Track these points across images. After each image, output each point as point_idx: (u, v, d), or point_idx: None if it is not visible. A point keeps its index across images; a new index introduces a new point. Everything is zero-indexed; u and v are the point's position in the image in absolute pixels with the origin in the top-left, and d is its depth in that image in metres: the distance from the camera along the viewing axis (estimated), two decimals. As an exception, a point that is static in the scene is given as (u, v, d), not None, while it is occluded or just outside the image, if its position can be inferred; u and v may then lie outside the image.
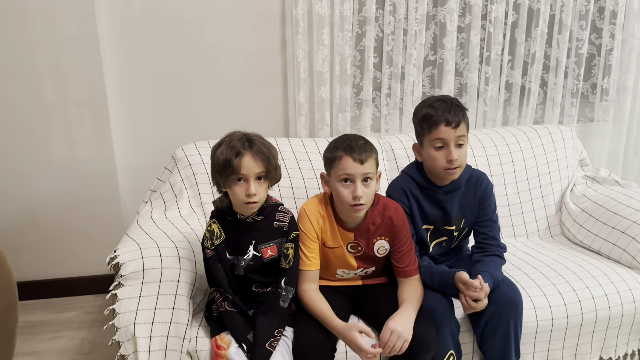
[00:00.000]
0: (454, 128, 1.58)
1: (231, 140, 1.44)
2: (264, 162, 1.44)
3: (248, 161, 1.42)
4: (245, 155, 1.42)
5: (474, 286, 1.48)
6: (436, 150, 1.61)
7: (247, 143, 1.44)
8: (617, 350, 1.79)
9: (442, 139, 1.59)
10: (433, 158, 1.62)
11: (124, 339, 1.45)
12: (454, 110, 1.60)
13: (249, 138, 1.46)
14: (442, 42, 2.50)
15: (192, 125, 2.52)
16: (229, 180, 1.44)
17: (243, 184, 1.44)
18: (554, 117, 2.67)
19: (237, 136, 1.46)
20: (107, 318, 1.49)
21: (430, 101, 1.64)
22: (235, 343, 1.44)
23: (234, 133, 1.48)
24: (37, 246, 2.50)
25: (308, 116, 2.48)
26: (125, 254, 1.56)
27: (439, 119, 1.59)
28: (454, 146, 1.59)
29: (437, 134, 1.60)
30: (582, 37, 2.58)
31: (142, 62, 2.41)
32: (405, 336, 1.40)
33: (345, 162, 1.49)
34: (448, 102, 1.62)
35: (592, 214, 2.08)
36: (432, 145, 1.62)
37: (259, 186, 1.45)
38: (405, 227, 1.61)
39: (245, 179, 1.43)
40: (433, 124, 1.60)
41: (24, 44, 2.26)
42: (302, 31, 2.35)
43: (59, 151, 2.40)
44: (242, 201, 1.45)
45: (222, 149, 1.44)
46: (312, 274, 1.56)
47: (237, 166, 1.41)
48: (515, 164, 2.21)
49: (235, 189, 1.44)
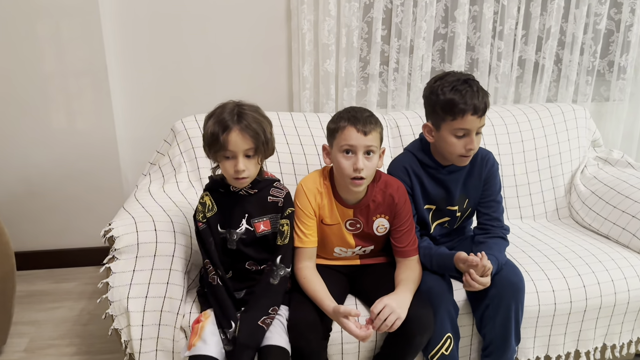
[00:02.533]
0: (480, 117, 1.50)
1: (222, 113, 1.39)
2: (252, 139, 1.38)
3: (235, 137, 1.36)
4: (232, 131, 1.36)
5: (474, 262, 1.42)
6: (457, 138, 1.52)
7: (236, 117, 1.37)
8: (621, 337, 1.75)
9: (466, 129, 1.50)
10: (451, 144, 1.53)
11: (117, 312, 1.44)
12: (480, 96, 1.49)
13: (240, 111, 1.39)
14: (453, 14, 2.41)
15: (195, 97, 2.47)
16: (217, 155, 1.40)
17: (232, 160, 1.39)
18: (567, 95, 2.58)
19: (229, 108, 1.40)
20: (103, 290, 1.47)
21: (452, 82, 1.50)
22: (214, 318, 1.42)
23: (227, 104, 1.42)
24: (36, 216, 2.50)
25: (312, 90, 2.42)
26: (120, 227, 1.54)
27: (466, 108, 1.47)
28: (475, 134, 1.52)
29: (462, 123, 1.49)
30: (601, 12, 2.47)
31: (144, 32, 2.35)
32: (399, 313, 1.35)
33: (348, 132, 1.43)
34: (473, 85, 1.50)
35: (602, 196, 2.01)
36: (452, 133, 1.52)
37: (248, 162, 1.40)
38: (407, 205, 1.56)
39: (233, 156, 1.39)
40: (459, 113, 1.48)
41: (23, 13, 2.21)
42: (307, 1, 2.27)
43: (58, 122, 2.37)
44: (232, 176, 1.42)
45: (211, 122, 1.39)
46: (308, 251, 1.52)
47: (224, 142, 1.36)
48: (524, 144, 2.14)
49: (224, 164, 1.41)
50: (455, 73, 1.56)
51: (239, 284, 1.51)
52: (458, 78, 1.52)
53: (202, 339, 1.37)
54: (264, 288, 1.46)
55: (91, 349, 1.96)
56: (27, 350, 1.96)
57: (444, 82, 1.52)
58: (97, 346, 1.97)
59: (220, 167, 1.45)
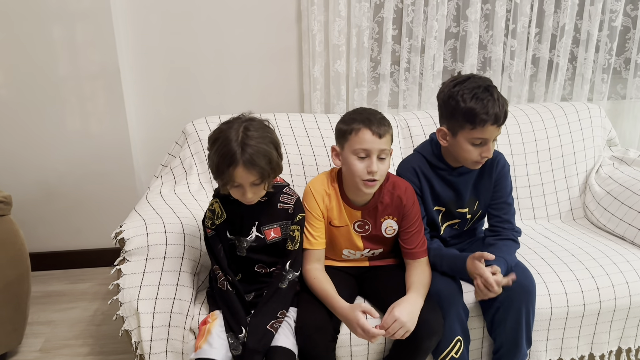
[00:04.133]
0: (499, 126, 1.48)
1: (227, 142, 1.32)
2: (258, 173, 1.34)
3: (241, 172, 1.33)
4: (238, 166, 1.32)
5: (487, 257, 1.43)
6: (473, 146, 1.50)
7: (241, 149, 1.31)
8: (636, 340, 1.71)
9: (484, 138, 1.48)
10: (467, 151, 1.52)
11: (127, 314, 1.46)
12: (501, 102, 1.46)
13: (245, 141, 1.32)
14: (465, 13, 2.38)
15: (207, 98, 2.49)
16: (224, 184, 1.38)
17: (239, 188, 1.38)
18: (582, 93, 2.53)
19: (233, 136, 1.33)
20: (115, 292, 1.49)
21: (473, 89, 1.46)
22: (221, 320, 1.43)
23: (232, 125, 1.36)
24: (54, 218, 2.54)
25: (323, 91, 2.42)
26: (131, 229, 1.56)
27: (488, 119, 1.44)
28: (491, 143, 1.50)
29: (481, 133, 1.47)
30: (617, 9, 2.42)
31: (156, 35, 2.38)
32: (409, 326, 1.35)
33: (363, 134, 1.41)
34: (494, 92, 1.46)
35: (617, 196, 1.97)
36: (470, 141, 1.50)
37: (256, 189, 1.38)
38: (415, 207, 1.55)
39: (240, 186, 1.37)
40: (480, 123, 1.45)
41: (38, 17, 2.25)
42: (317, 2, 2.27)
43: (73, 124, 2.41)
44: (240, 199, 1.41)
45: (216, 151, 1.34)
46: (317, 253, 1.52)
47: (230, 176, 1.34)
48: (538, 143, 2.11)
49: (232, 191, 1.40)
50: (476, 78, 1.51)
51: (248, 286, 1.51)
52: (479, 85, 1.48)
53: (208, 342, 1.38)
54: (273, 292, 1.45)
55: (104, 349, 1.99)
56: (42, 350, 1.99)
57: (464, 88, 1.48)
58: (109, 347, 2.00)
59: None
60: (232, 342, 1.39)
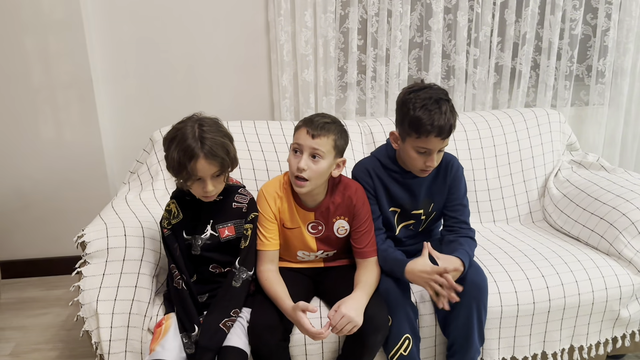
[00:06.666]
0: (444, 139, 1.52)
1: (184, 138, 1.39)
2: (218, 164, 1.42)
3: (202, 165, 1.40)
4: (199, 160, 1.39)
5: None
6: (418, 154, 1.55)
7: (200, 143, 1.38)
8: (588, 338, 1.75)
9: (428, 148, 1.53)
10: (412, 158, 1.57)
11: (87, 315, 1.49)
12: (447, 116, 1.49)
13: (202, 135, 1.40)
14: (428, 23, 2.45)
15: (179, 108, 2.50)
16: (185, 180, 1.44)
17: (200, 182, 1.44)
18: (546, 100, 2.60)
19: (190, 132, 1.40)
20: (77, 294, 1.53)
21: (424, 100, 1.49)
22: (175, 321, 1.47)
23: (186, 124, 1.43)
24: (29, 225, 2.58)
25: (292, 99, 2.48)
26: (92, 232, 1.60)
27: (432, 130, 1.48)
28: (436, 153, 1.55)
29: (425, 143, 1.51)
30: (576, 18, 2.50)
31: (127, 45, 2.43)
32: (357, 321, 1.40)
33: (299, 132, 1.50)
34: (443, 105, 1.49)
35: (573, 199, 2.03)
36: (414, 149, 1.55)
37: (215, 181, 1.45)
38: (365, 207, 1.60)
39: (201, 179, 1.43)
40: (424, 133, 1.49)
41: (10, 28, 2.30)
42: (284, 13, 2.33)
43: (46, 133, 2.46)
44: (200, 195, 1.47)
45: (175, 149, 1.40)
46: (270, 254, 1.57)
47: (191, 170, 1.40)
48: (496, 148, 2.17)
49: (193, 186, 1.46)
50: (432, 89, 1.54)
51: (202, 287, 1.56)
52: (431, 96, 1.50)
53: (160, 344, 1.42)
54: (226, 291, 1.50)
55: (73, 353, 2.02)
56: (12, 355, 2.02)
57: (416, 97, 1.51)
58: (78, 350, 2.03)
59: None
60: (185, 342, 1.43)
